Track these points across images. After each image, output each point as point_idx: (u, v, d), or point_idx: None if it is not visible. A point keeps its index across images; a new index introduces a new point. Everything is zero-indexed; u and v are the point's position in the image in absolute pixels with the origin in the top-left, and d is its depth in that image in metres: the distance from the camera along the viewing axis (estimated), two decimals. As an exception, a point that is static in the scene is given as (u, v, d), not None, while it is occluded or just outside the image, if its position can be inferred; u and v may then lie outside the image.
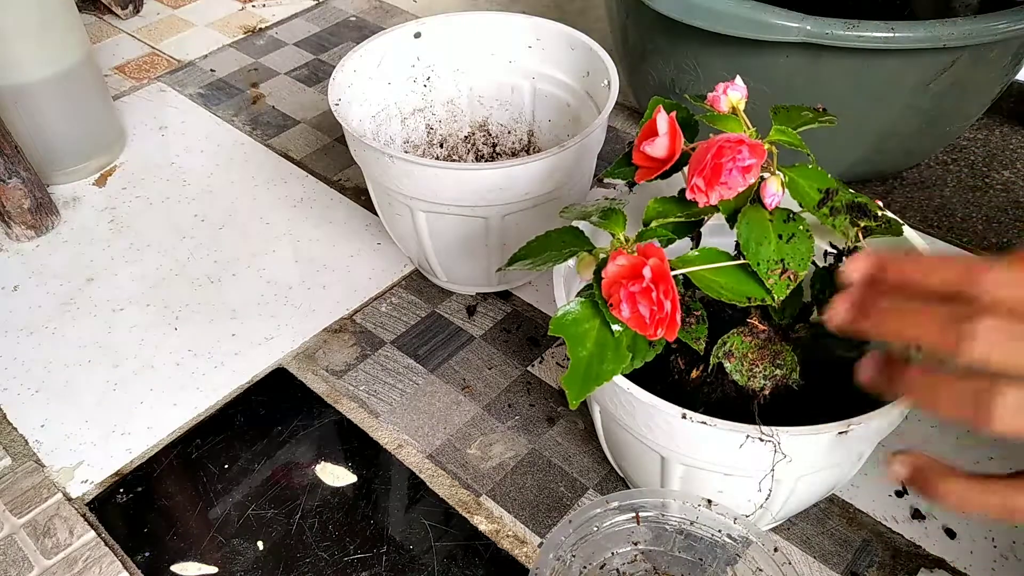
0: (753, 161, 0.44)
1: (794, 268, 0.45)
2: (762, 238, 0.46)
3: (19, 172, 0.78)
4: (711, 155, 0.43)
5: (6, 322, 0.74)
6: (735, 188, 0.44)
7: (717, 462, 0.47)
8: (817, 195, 0.46)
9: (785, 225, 0.46)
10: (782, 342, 0.49)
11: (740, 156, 0.43)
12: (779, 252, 0.45)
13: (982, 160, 0.88)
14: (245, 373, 0.69)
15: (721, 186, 0.44)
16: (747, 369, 0.48)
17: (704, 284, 0.46)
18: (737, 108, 0.47)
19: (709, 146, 0.44)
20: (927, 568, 0.55)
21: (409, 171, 0.62)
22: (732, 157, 0.43)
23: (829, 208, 0.45)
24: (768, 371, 0.48)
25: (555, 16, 0.77)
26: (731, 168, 0.43)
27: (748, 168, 0.44)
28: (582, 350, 0.45)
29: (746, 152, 0.43)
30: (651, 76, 0.82)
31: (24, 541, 0.58)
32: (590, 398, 0.55)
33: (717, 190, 0.44)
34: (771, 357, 0.48)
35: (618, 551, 0.51)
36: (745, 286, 0.46)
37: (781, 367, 0.48)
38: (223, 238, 0.82)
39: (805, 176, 0.47)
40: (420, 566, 0.56)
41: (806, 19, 0.65)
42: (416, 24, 0.76)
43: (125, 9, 1.16)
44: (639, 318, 0.43)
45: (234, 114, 0.98)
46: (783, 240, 0.46)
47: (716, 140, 0.44)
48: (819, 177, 0.47)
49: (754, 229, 0.46)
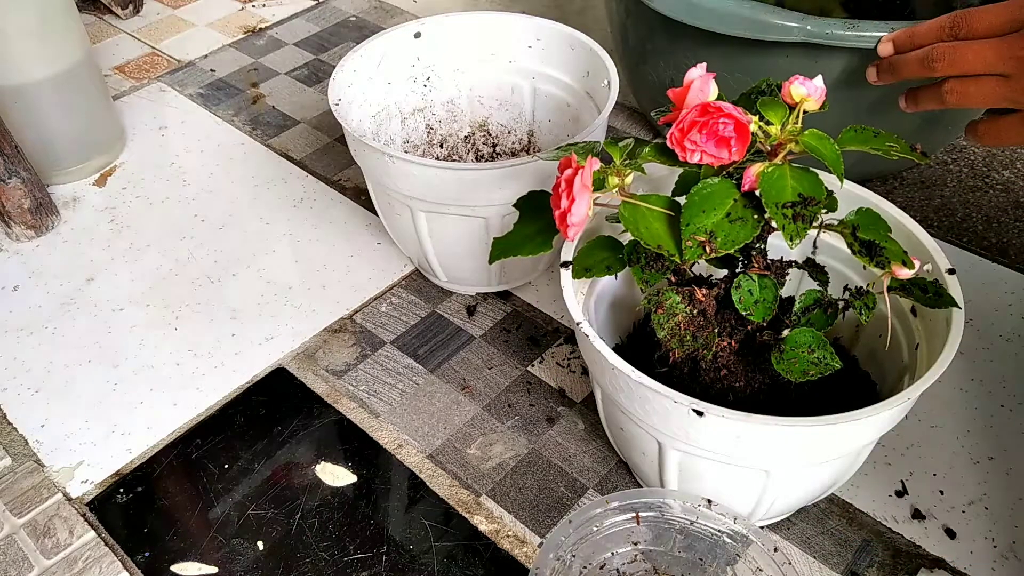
0: (732, 136, 0.44)
1: (718, 244, 0.45)
2: (712, 207, 0.46)
3: (19, 172, 0.78)
4: (696, 111, 0.44)
5: (6, 322, 0.74)
6: (713, 155, 0.44)
7: (712, 449, 0.48)
8: (790, 196, 0.45)
9: (742, 209, 0.46)
10: (714, 322, 0.50)
11: (720, 124, 0.43)
12: (717, 225, 0.46)
13: (982, 160, 0.88)
14: (245, 373, 0.69)
15: (692, 145, 0.44)
16: (671, 327, 0.49)
17: (630, 219, 0.47)
18: (800, 103, 0.46)
19: (698, 105, 0.44)
20: (927, 568, 0.55)
21: (409, 171, 0.62)
22: (711, 122, 0.44)
23: (793, 212, 0.44)
24: (688, 339, 0.49)
25: (555, 16, 0.77)
26: (706, 131, 0.44)
27: (725, 140, 0.44)
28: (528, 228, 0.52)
29: (730, 126, 0.43)
30: (651, 76, 0.82)
31: (24, 541, 0.58)
32: (593, 382, 0.55)
33: (694, 150, 0.45)
34: (695, 328, 0.49)
35: (618, 551, 0.51)
36: (663, 237, 0.47)
37: (697, 341, 0.49)
38: (223, 238, 0.82)
39: (796, 177, 0.46)
40: (420, 566, 0.56)
41: (806, 19, 0.65)
42: (416, 24, 0.76)
43: (125, 9, 1.16)
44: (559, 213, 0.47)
45: (234, 114, 0.98)
46: (729, 218, 0.46)
47: (708, 103, 0.44)
48: (811, 184, 0.45)
49: (710, 197, 0.47)
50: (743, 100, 0.50)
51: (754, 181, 0.46)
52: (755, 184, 0.46)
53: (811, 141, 0.46)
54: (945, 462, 0.61)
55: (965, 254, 0.77)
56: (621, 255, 0.52)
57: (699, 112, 0.44)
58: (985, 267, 0.76)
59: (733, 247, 0.45)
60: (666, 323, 0.49)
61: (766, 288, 0.49)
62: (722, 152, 0.44)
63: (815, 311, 0.51)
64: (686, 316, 0.49)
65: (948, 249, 0.77)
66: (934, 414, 0.64)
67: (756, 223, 0.46)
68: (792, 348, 0.49)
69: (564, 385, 0.67)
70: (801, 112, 0.47)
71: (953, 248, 0.77)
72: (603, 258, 0.53)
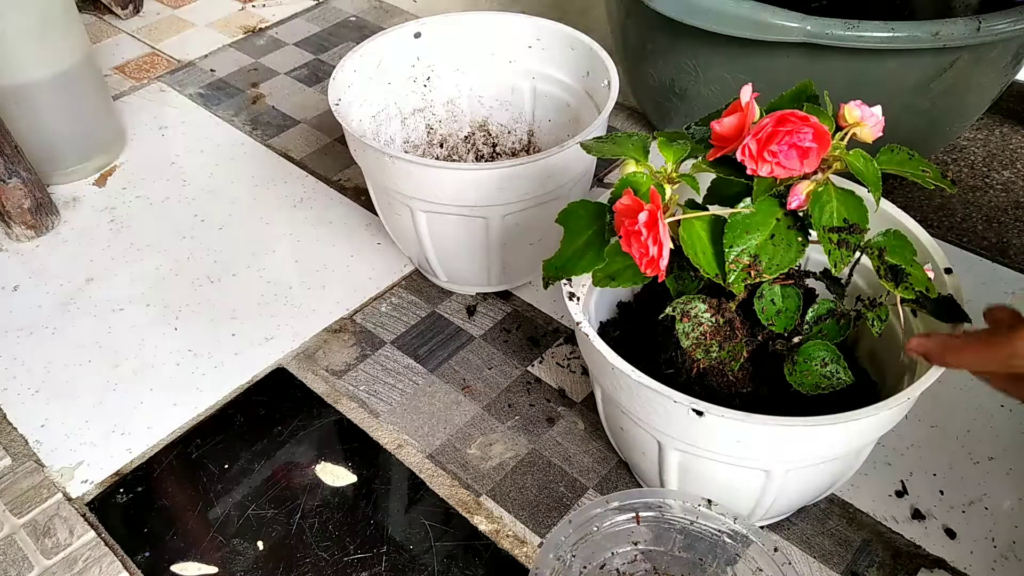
0: (814, 146, 0.42)
1: (764, 268, 0.44)
2: (756, 228, 0.45)
3: (19, 172, 0.78)
4: (774, 121, 0.42)
5: (6, 322, 0.74)
6: (786, 166, 0.42)
7: (712, 449, 0.48)
8: (837, 220, 0.44)
9: (786, 230, 0.45)
10: (742, 333, 0.49)
11: (802, 133, 0.41)
12: (761, 247, 0.44)
13: (982, 160, 0.88)
14: (245, 373, 0.69)
15: (771, 157, 0.42)
16: (696, 336, 0.48)
17: (690, 244, 0.45)
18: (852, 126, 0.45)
19: (776, 115, 0.42)
20: (927, 568, 0.55)
21: (409, 171, 0.62)
22: (793, 131, 0.41)
23: (839, 237, 0.44)
24: (714, 349, 0.48)
25: (555, 16, 0.77)
26: (787, 141, 0.41)
27: (806, 151, 0.42)
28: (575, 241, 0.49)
29: (809, 134, 0.41)
30: (651, 76, 0.82)
31: (24, 541, 0.58)
32: (593, 382, 0.55)
33: (768, 162, 0.42)
34: (721, 339, 0.48)
35: (618, 551, 0.51)
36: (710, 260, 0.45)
37: (724, 350, 0.48)
38: (223, 238, 0.82)
39: (842, 200, 0.45)
40: (420, 566, 0.56)
41: (806, 19, 0.65)
42: (416, 24, 0.76)
43: (125, 9, 1.16)
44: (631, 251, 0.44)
45: (234, 114, 0.98)
46: (772, 240, 0.45)
47: (787, 112, 0.42)
48: (855, 209, 0.44)
49: (755, 216, 0.45)
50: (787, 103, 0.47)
51: (804, 201, 0.44)
52: (804, 203, 0.44)
53: (856, 162, 0.44)
54: (945, 462, 0.61)
55: (965, 254, 0.77)
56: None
57: (778, 122, 0.42)
58: (985, 267, 0.76)
59: (778, 271, 0.44)
60: (692, 332, 0.48)
61: (788, 298, 0.49)
62: (795, 164, 0.42)
63: (827, 321, 0.50)
64: (712, 326, 0.48)
65: (948, 249, 0.77)
66: (934, 414, 0.64)
67: (800, 246, 0.45)
68: (806, 360, 0.48)
69: (564, 385, 0.67)
70: (850, 134, 0.45)
71: (953, 248, 0.77)
72: (629, 264, 0.48)
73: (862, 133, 0.45)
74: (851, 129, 0.45)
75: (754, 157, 0.43)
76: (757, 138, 0.42)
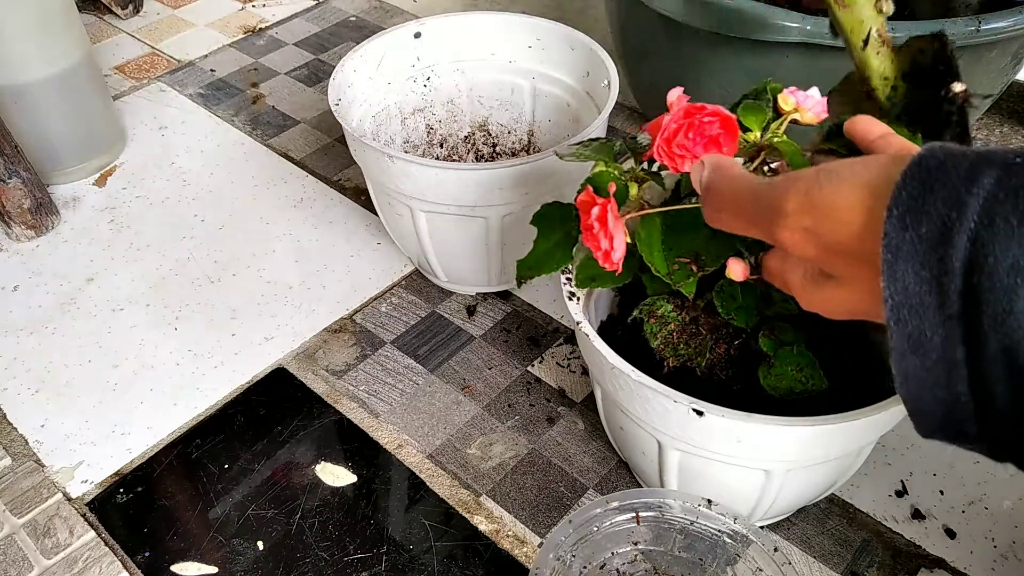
0: (721, 132, 0.41)
1: (706, 264, 0.44)
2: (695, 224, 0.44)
3: (19, 172, 0.78)
4: (677, 117, 0.42)
5: (6, 322, 0.74)
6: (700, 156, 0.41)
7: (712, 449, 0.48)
8: None
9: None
10: (706, 330, 0.49)
11: (706, 123, 0.41)
12: (701, 245, 0.44)
13: (982, 160, 0.88)
14: (245, 373, 0.69)
15: (682, 150, 0.42)
16: (664, 335, 0.48)
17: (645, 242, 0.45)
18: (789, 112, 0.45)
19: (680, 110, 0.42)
20: (927, 568, 0.55)
21: (409, 171, 0.62)
22: (698, 123, 0.41)
23: None
24: (681, 347, 0.48)
25: (555, 16, 0.77)
26: (694, 133, 0.41)
27: (714, 139, 0.41)
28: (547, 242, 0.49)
29: (716, 122, 0.41)
30: (651, 76, 0.82)
31: (24, 541, 0.58)
32: (593, 382, 0.55)
33: (682, 157, 0.42)
34: (688, 336, 0.48)
35: (618, 551, 0.51)
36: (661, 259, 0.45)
37: (690, 349, 0.48)
38: (223, 238, 0.82)
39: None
40: (420, 566, 0.56)
41: (806, 19, 0.65)
42: (416, 24, 0.76)
43: (125, 9, 1.16)
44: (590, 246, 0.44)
45: (234, 114, 0.98)
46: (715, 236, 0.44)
47: (689, 105, 0.42)
48: None
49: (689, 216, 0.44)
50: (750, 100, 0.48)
51: None
52: None
53: (783, 147, 0.45)
54: (945, 462, 0.61)
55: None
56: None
57: (683, 115, 0.42)
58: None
59: (719, 263, 0.44)
60: (659, 332, 0.48)
61: (748, 294, 0.48)
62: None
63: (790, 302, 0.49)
64: (678, 325, 0.48)
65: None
66: (934, 414, 0.64)
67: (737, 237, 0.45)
68: (782, 364, 0.48)
69: (564, 385, 0.67)
70: (787, 120, 0.45)
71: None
72: None
73: (805, 118, 0.45)
74: (789, 116, 0.45)
75: (668, 155, 0.43)
76: (664, 137, 0.42)
